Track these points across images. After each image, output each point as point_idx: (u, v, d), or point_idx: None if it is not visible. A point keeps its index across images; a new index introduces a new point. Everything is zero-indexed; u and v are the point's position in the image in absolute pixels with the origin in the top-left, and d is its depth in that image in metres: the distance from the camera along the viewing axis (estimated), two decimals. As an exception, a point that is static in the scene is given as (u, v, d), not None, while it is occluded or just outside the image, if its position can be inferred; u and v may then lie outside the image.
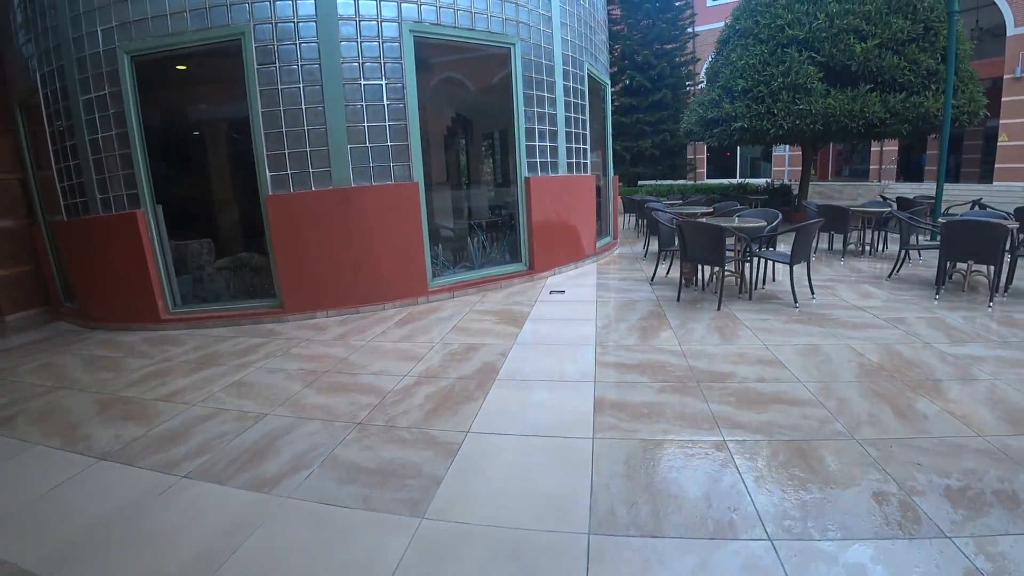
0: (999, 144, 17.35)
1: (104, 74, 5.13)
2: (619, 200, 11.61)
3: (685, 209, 8.21)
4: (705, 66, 15.67)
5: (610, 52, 11.55)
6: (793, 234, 5.46)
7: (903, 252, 6.66)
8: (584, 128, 7.71)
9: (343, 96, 5.24)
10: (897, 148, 20.58)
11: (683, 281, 6.21)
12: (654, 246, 8.73)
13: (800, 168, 23.96)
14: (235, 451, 2.87)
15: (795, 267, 5.35)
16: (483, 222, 7.72)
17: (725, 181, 21.11)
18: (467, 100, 10.25)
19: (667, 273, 6.84)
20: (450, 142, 10.78)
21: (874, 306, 5.27)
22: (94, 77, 5.18)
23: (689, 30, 21.07)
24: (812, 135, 11.02)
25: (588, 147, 7.90)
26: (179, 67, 6.50)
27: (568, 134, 7.22)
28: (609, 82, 9.29)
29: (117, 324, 5.65)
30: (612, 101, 10.67)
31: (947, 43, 9.05)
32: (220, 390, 3.75)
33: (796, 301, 5.32)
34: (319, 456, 2.77)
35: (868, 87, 10.48)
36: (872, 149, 20.71)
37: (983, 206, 9.42)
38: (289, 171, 5.24)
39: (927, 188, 17.45)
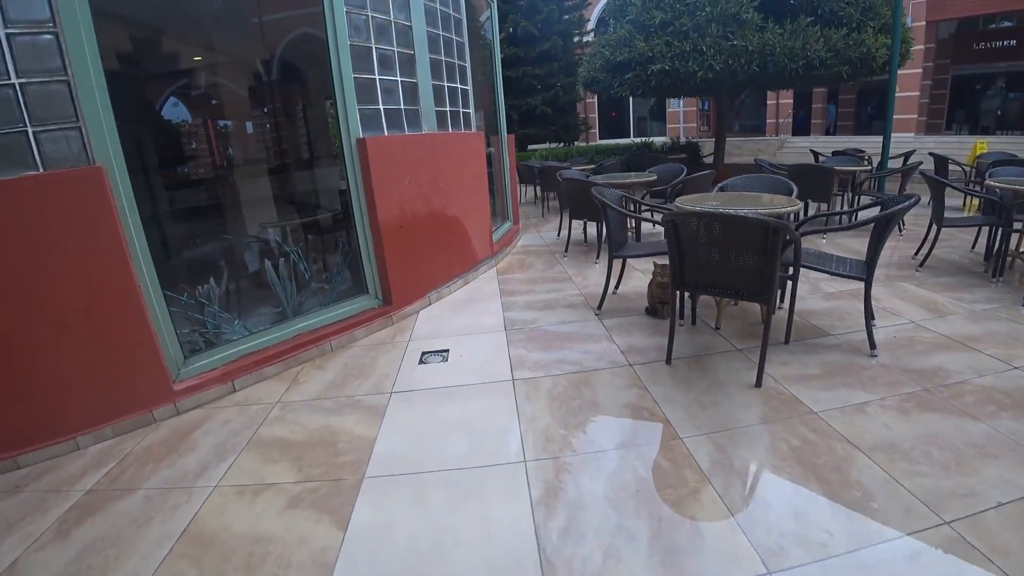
0: (897, 95, 16.83)
1: None
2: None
3: (617, 179, 5.65)
4: (601, 3, 13.19)
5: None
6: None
7: (936, 229, 4.60)
8: (463, 57, 4.82)
9: None
10: (792, 101, 19.80)
11: (653, 309, 3.66)
12: (578, 231, 6.18)
13: (695, 125, 22.90)
14: None
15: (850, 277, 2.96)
16: (300, 226, 4.63)
17: (623, 141, 19.14)
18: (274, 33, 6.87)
19: (616, 287, 4.24)
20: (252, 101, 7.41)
21: (976, 336, 3.06)
22: None
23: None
24: (745, 78, 8.94)
25: (471, 88, 5.02)
26: None
27: (437, 65, 4.30)
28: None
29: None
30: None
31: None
32: None
33: (873, 346, 2.96)
34: None
35: (808, 20, 8.55)
36: (768, 102, 19.75)
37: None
38: None
39: (825, 142, 16.60)
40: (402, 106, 3.92)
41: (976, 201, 7.28)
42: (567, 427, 2.44)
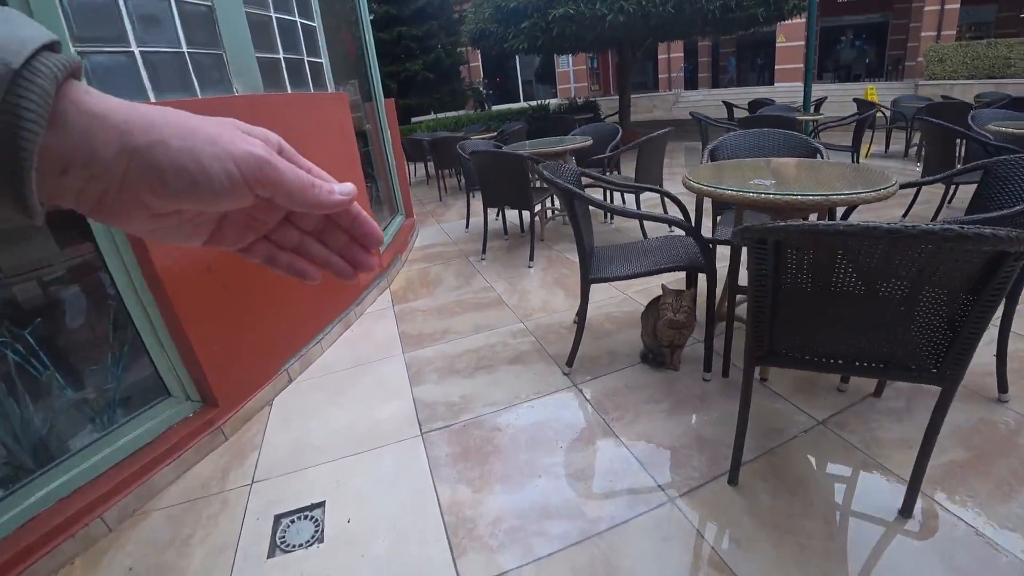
0: (778, 46, 16.77)
1: None
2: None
3: (544, 148, 4.17)
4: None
5: None
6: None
7: (952, 189, 3.64)
8: (300, -26, 3.04)
9: None
10: (683, 55, 19.33)
11: (656, 356, 2.29)
12: (491, 217, 4.69)
13: (586, 84, 21.90)
14: None
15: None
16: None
17: (514, 106, 17.69)
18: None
19: (578, 314, 2.82)
20: None
21: None
22: None
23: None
24: (657, 23, 7.75)
25: (319, 24, 3.26)
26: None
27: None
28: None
29: None
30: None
31: None
32: None
33: (1005, 388, 1.79)
34: None
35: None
36: (660, 56, 19.13)
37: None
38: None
39: (718, 95, 16.26)
40: (184, 49, 2.14)
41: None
42: None
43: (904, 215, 4.38)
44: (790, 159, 2.43)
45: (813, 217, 2.05)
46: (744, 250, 2.18)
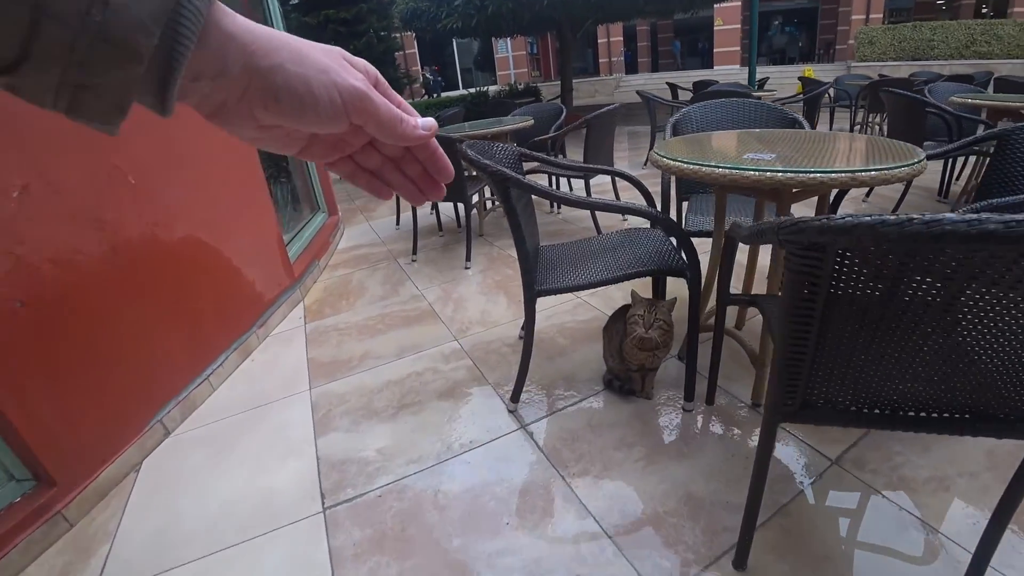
0: (716, 29, 16.77)
1: None
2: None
3: (480, 130, 3.63)
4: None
5: None
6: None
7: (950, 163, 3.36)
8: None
9: None
10: (623, 39, 19.10)
11: (623, 381, 1.82)
12: (425, 212, 4.17)
13: (526, 70, 21.39)
14: None
15: None
16: None
17: (453, 94, 17.01)
18: None
19: (525, 328, 2.33)
20: None
21: None
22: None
23: None
24: (597, 1, 7.31)
25: None
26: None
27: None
28: None
29: None
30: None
31: None
32: None
33: None
34: None
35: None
36: (599, 40, 18.83)
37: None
38: None
39: (659, 77, 16.13)
40: None
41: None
42: None
43: (866, 197, 4.13)
44: (776, 130, 2.00)
45: (803, 210, 1.63)
46: (746, 248, 1.75)
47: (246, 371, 2.41)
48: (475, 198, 3.85)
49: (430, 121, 0.36)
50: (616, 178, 4.65)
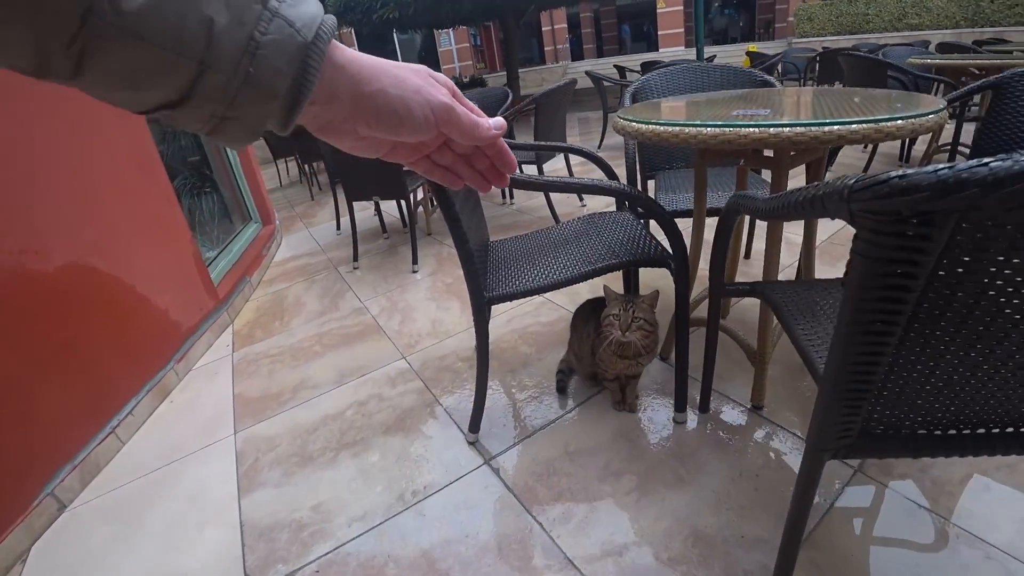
0: (658, 12, 16.75)
1: None
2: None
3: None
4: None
5: None
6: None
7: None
8: None
9: None
10: (567, 26, 18.90)
11: (562, 376, 1.53)
12: (366, 215, 3.83)
13: (471, 63, 20.98)
14: None
15: None
16: None
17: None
18: None
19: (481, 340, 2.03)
20: None
21: None
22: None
23: None
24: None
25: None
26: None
27: None
28: None
29: None
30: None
31: None
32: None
33: None
34: None
35: None
36: (544, 28, 18.59)
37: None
38: None
39: (605, 62, 16.01)
40: None
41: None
42: None
43: (829, 165, 3.98)
44: (756, 89, 1.76)
45: (793, 181, 1.39)
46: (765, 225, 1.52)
47: (162, 416, 2.04)
48: (419, 193, 3.52)
49: (500, 121, 0.41)
50: (572, 162, 4.38)
